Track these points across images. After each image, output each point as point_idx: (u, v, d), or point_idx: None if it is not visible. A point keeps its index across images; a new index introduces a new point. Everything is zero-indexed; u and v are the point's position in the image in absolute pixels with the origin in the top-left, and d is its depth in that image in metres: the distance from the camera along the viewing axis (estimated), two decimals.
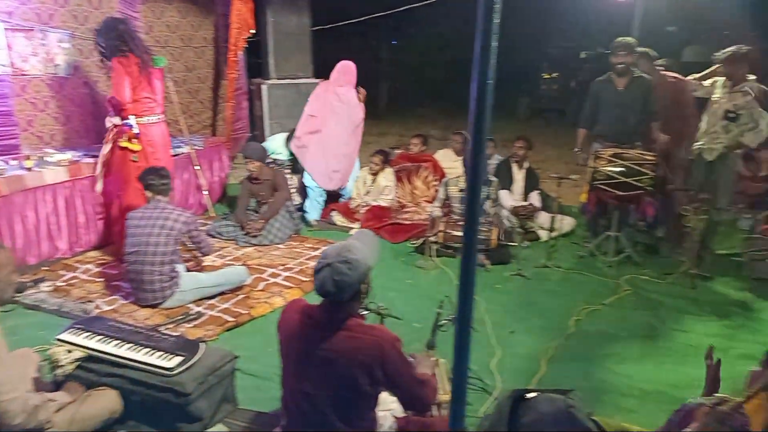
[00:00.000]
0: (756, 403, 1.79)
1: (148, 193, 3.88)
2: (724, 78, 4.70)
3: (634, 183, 4.59)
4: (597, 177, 4.72)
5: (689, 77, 4.99)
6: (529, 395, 2.39)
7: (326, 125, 5.82)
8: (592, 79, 5.26)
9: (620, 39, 4.92)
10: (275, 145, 6.14)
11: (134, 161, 4.31)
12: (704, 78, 4.89)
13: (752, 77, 4.63)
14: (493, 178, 5.30)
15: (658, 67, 5.38)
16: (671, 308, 4.11)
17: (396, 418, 2.23)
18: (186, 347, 2.68)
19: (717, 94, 4.70)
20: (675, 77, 5.24)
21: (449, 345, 1.60)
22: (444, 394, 2.43)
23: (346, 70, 5.87)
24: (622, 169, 4.64)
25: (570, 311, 3.97)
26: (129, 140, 4.31)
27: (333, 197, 6.21)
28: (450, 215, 5.24)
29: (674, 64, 5.56)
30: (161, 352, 2.61)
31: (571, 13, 14.14)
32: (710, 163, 4.81)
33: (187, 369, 2.55)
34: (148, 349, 2.63)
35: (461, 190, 5.13)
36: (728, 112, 4.61)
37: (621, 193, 4.66)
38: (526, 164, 5.88)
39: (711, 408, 1.88)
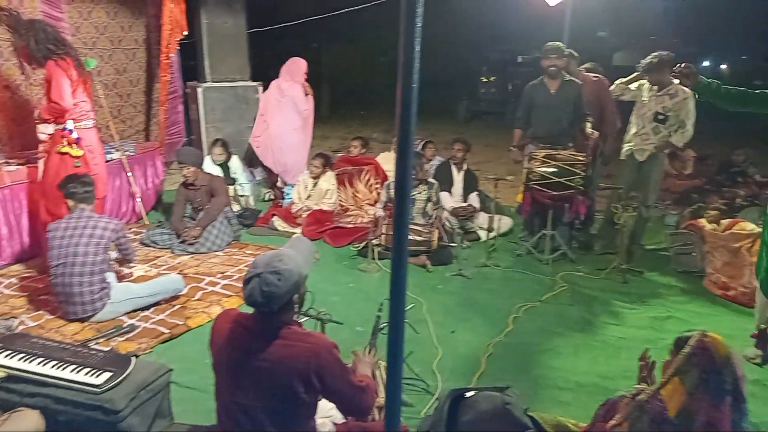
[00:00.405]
0: (670, 388, 1.88)
1: (71, 202, 3.70)
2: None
3: (567, 183, 4.74)
4: (531, 177, 4.86)
5: (617, 81, 5.20)
6: (468, 394, 2.42)
7: (273, 120, 6.27)
8: (528, 82, 5.41)
9: (550, 43, 5.09)
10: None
11: (77, 167, 4.13)
12: (630, 82, 5.11)
13: (676, 81, 4.87)
14: (434, 181, 5.37)
15: (581, 69, 5.61)
16: (604, 302, 4.26)
17: (335, 424, 2.21)
18: (116, 362, 2.57)
19: (645, 98, 4.92)
20: (597, 77, 5.44)
21: None
22: (383, 398, 2.42)
23: (291, 65, 6.25)
24: (555, 169, 4.79)
25: (509, 309, 4.06)
26: (69, 145, 4.12)
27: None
28: (392, 217, 5.26)
29: (597, 68, 5.79)
30: (89, 369, 2.49)
31: (508, 19, 14.53)
32: (640, 163, 5.02)
33: (116, 385, 2.44)
34: (74, 366, 2.50)
35: None
36: (658, 114, 4.83)
37: (555, 193, 4.81)
38: (464, 166, 5.99)
39: (631, 398, 1.97)
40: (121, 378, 2.47)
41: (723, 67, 35.20)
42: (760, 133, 10.83)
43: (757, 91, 3.40)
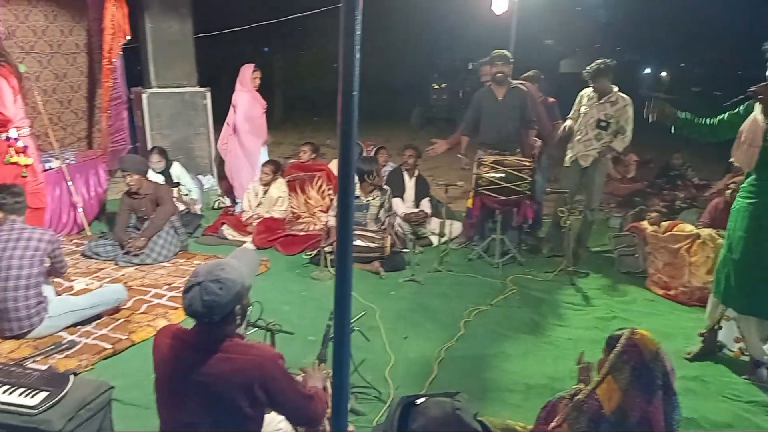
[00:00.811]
0: (605, 387, 1.95)
1: (0, 214, 3.52)
2: (590, 90, 5.08)
3: (515, 188, 4.84)
4: (480, 183, 4.93)
5: (568, 121, 5.30)
6: (419, 401, 2.42)
7: (229, 128, 6.36)
8: (479, 89, 5.51)
9: (497, 51, 5.21)
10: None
11: (24, 176, 3.94)
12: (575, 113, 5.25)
13: (616, 88, 5.04)
14: (386, 187, 5.38)
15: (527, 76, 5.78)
16: (552, 304, 4.36)
17: None
18: (53, 381, 2.45)
19: (585, 106, 5.08)
20: (524, 84, 5.56)
21: None
22: None
23: (240, 72, 6.27)
24: (503, 174, 4.88)
25: (461, 313, 4.09)
26: (17, 154, 3.94)
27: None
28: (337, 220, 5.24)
29: (539, 75, 5.95)
30: (24, 389, 2.37)
31: (458, 27, 14.78)
32: (584, 168, 5.17)
33: (53, 405, 2.32)
34: (8, 387, 2.37)
35: (357, 197, 5.16)
36: (600, 121, 4.99)
37: (503, 198, 4.90)
38: (416, 172, 6.03)
39: (569, 399, 2.02)
40: (58, 398, 2.36)
41: (663, 74, 36.80)
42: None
43: (725, 117, 3.37)
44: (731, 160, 3.36)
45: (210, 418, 1.86)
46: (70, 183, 5.40)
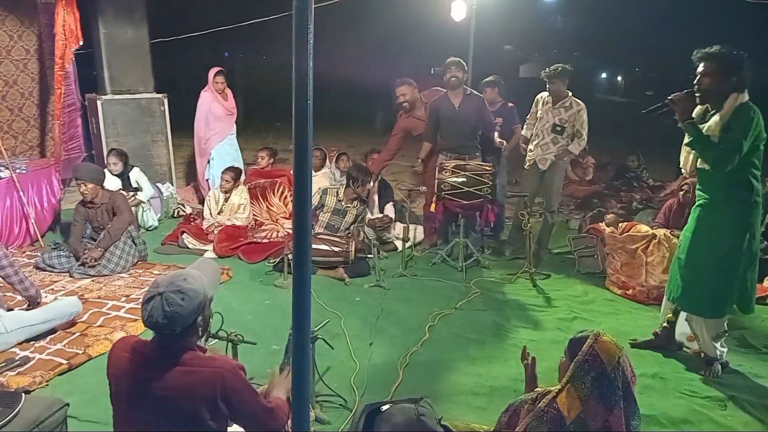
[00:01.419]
0: (565, 396, 1.95)
1: None
2: (546, 94, 5.20)
3: (476, 192, 4.89)
4: (442, 187, 4.97)
5: (524, 130, 5.44)
6: (384, 408, 2.42)
7: None
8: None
9: (451, 58, 5.30)
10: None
11: None
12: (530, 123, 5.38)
13: (570, 93, 5.16)
14: (366, 199, 5.36)
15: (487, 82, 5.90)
16: (515, 306, 4.42)
17: None
18: (2, 400, 2.35)
19: (541, 110, 5.19)
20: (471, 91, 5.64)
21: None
22: None
23: None
24: (464, 179, 4.93)
25: (425, 318, 4.10)
26: None
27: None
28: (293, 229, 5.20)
29: (499, 81, 6.05)
30: None
31: (419, 33, 14.91)
32: (543, 171, 5.27)
33: (3, 425, 2.23)
34: None
35: (339, 200, 5.17)
36: (555, 125, 5.11)
37: (465, 202, 4.95)
38: (378, 177, 6.03)
39: (531, 403, 2.04)
40: (9, 417, 2.27)
41: (618, 78, 37.88)
42: (647, 139, 11.68)
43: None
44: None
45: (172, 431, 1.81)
46: (21, 193, 5.21)
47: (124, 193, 5.52)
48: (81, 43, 5.43)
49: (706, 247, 3.24)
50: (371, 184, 5.58)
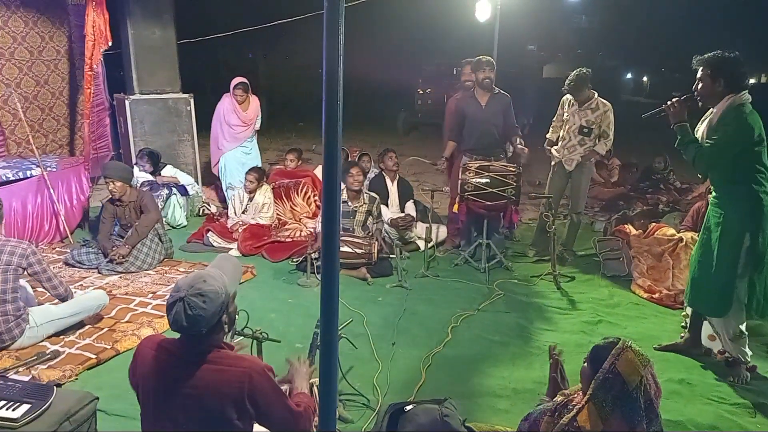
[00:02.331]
0: (585, 414, 1.90)
1: None
2: (572, 97, 5.15)
3: (500, 193, 4.87)
4: (466, 188, 4.95)
5: (548, 135, 5.38)
6: (407, 408, 2.42)
7: None
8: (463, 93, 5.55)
9: (483, 57, 5.26)
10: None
11: None
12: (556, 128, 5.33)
13: (596, 94, 5.10)
14: (375, 195, 5.37)
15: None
16: (538, 308, 4.38)
17: None
18: (35, 393, 2.41)
19: (567, 113, 5.15)
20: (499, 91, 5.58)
21: None
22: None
23: None
24: (488, 180, 4.91)
25: (448, 319, 4.10)
26: None
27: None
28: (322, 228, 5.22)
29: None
30: (5, 402, 2.33)
31: (443, 33, 14.88)
32: (569, 172, 5.22)
33: (36, 417, 2.29)
34: None
35: (344, 202, 5.16)
36: (582, 127, 5.07)
37: (489, 203, 4.93)
38: (397, 176, 6.04)
39: (550, 416, 2.00)
40: (41, 410, 2.32)
41: (644, 79, 37.32)
42: (674, 141, 11.47)
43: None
44: None
45: (199, 431, 1.83)
46: (51, 191, 5.33)
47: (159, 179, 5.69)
48: (110, 43, 5.53)
49: (710, 243, 3.30)
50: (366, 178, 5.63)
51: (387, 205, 5.84)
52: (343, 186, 5.72)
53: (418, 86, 14.79)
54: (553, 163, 5.34)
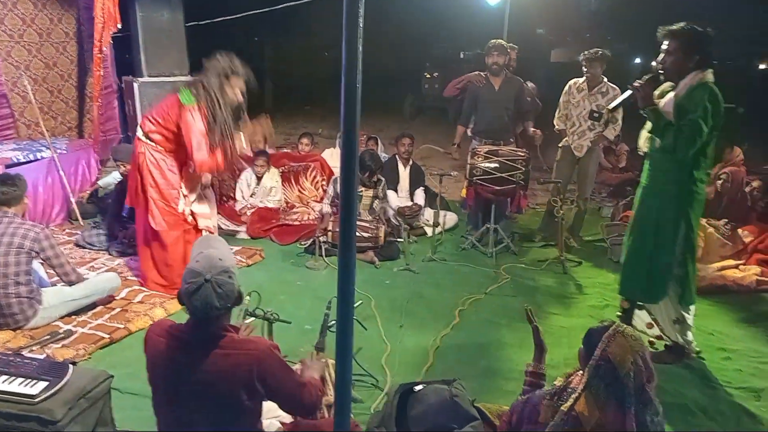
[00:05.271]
0: (583, 402, 1.91)
1: None
2: (579, 81, 5.11)
3: (508, 178, 4.87)
4: (474, 173, 4.96)
5: (555, 121, 5.35)
6: (417, 388, 2.46)
7: None
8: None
9: (494, 41, 5.22)
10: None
11: None
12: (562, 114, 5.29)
13: (605, 79, 5.08)
14: (381, 177, 5.37)
15: None
16: (545, 293, 4.41)
17: (283, 423, 2.19)
18: (52, 370, 2.45)
19: (576, 97, 5.12)
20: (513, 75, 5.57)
21: None
22: (332, 396, 2.42)
23: None
24: (497, 165, 4.91)
25: (455, 302, 4.13)
26: None
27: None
28: (339, 213, 5.25)
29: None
30: (23, 379, 2.37)
31: (450, 16, 14.73)
32: (577, 158, 5.21)
33: (53, 394, 2.33)
34: (6, 377, 2.38)
35: None
36: (593, 112, 5.02)
37: (497, 188, 4.93)
38: (410, 161, 6.04)
39: (549, 399, 2.03)
40: (58, 387, 2.36)
41: (653, 64, 36.85)
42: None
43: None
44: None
45: (211, 414, 1.86)
46: (62, 172, 5.37)
47: None
48: (119, 26, 5.52)
49: (643, 230, 3.20)
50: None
51: (396, 191, 5.84)
52: None
53: (425, 70, 14.70)
54: (560, 148, 5.33)
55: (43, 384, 2.34)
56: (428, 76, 14.54)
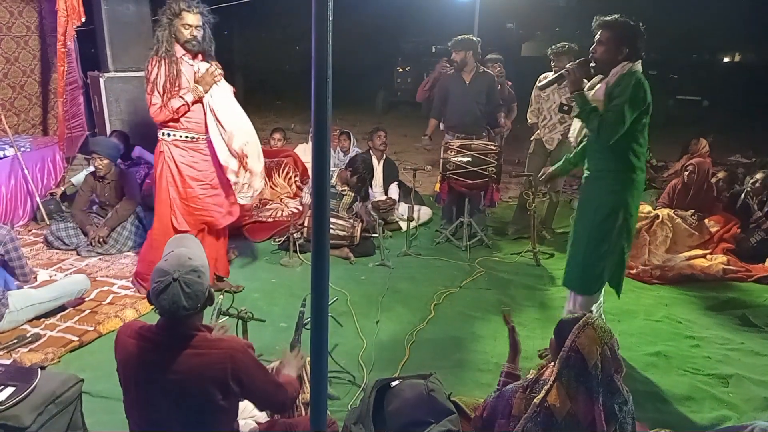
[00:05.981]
0: (555, 393, 1.95)
1: None
2: (550, 75, 5.16)
3: (481, 171, 4.90)
4: (447, 167, 4.98)
5: (528, 114, 5.42)
6: (394, 384, 2.46)
7: None
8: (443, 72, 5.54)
9: (455, 38, 5.25)
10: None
11: None
12: (535, 108, 5.36)
13: None
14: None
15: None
16: (519, 285, 4.45)
17: (258, 423, 2.17)
18: (19, 376, 2.39)
19: (546, 91, 5.17)
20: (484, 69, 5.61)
21: None
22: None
23: None
24: (470, 159, 4.93)
25: (430, 296, 4.15)
26: None
27: None
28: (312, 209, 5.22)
29: (500, 59, 6.01)
30: None
31: (421, 10, 14.72)
32: (549, 151, 5.27)
33: (20, 400, 2.27)
34: None
35: (333, 186, 5.15)
36: (562, 105, 5.07)
37: (470, 182, 4.96)
38: (384, 156, 6.03)
39: (522, 392, 2.06)
40: (26, 392, 2.30)
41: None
42: (651, 120, 11.63)
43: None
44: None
45: (185, 415, 1.84)
46: (26, 171, 5.22)
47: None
48: (83, 19, 5.37)
49: (582, 219, 3.20)
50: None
51: (371, 186, 5.83)
52: (340, 167, 5.68)
53: (397, 64, 14.68)
54: (532, 142, 5.38)
55: (9, 390, 2.29)
56: (400, 70, 14.54)
